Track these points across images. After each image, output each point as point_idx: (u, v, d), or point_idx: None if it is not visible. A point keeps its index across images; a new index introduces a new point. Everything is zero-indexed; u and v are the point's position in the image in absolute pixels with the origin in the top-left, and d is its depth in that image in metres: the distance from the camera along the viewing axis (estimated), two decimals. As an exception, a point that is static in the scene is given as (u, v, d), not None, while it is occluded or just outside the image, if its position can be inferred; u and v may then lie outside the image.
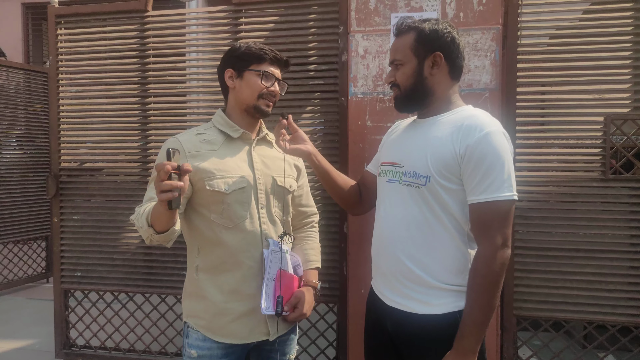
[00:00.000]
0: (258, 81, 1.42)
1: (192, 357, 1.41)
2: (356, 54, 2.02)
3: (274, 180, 1.46)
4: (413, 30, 1.33)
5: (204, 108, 2.49)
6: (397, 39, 1.37)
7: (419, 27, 1.33)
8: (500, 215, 1.22)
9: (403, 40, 1.35)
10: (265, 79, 1.42)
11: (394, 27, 1.38)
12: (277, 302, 1.39)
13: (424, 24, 1.33)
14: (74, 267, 2.57)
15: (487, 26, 1.92)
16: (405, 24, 1.35)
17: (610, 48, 2.02)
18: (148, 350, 2.57)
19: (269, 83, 1.43)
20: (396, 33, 1.37)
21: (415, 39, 1.32)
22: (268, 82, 1.43)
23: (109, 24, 2.51)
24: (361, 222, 2.00)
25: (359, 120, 2.02)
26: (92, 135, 2.56)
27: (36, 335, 3.36)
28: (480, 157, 1.22)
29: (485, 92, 1.91)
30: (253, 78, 1.42)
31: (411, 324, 1.30)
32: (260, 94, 1.42)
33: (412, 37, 1.33)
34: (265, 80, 1.42)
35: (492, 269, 1.20)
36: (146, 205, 1.32)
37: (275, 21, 2.28)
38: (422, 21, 1.34)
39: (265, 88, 1.42)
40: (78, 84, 2.58)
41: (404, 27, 1.35)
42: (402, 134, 1.46)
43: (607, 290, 2.01)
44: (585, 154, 2.07)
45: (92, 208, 2.54)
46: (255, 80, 1.42)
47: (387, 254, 1.36)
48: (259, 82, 1.41)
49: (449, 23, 1.35)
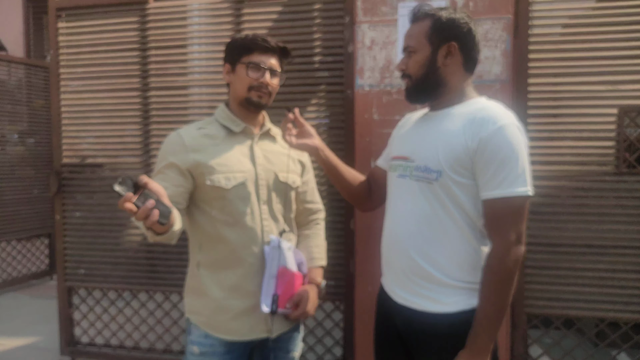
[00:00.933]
0: (245, 73, 1.37)
1: (195, 353, 1.39)
2: (362, 45, 1.97)
3: (276, 176, 1.43)
4: (429, 18, 1.30)
5: (206, 101, 2.46)
6: (413, 25, 1.33)
7: (435, 15, 1.29)
8: (514, 211, 1.19)
9: (418, 27, 1.31)
10: (251, 71, 1.37)
11: (410, 13, 1.34)
12: (272, 300, 1.36)
13: (441, 12, 1.29)
14: (78, 264, 2.55)
15: (498, 16, 1.87)
16: (422, 11, 1.31)
17: (624, 37, 1.97)
18: (153, 348, 2.55)
19: (258, 74, 1.38)
20: (412, 19, 1.34)
21: (431, 26, 1.29)
22: (256, 74, 1.37)
23: (110, 16, 2.47)
24: (368, 219, 1.96)
25: (365, 114, 1.97)
26: (94, 130, 2.53)
27: (40, 333, 3.35)
28: (494, 151, 1.18)
29: (496, 84, 1.87)
30: (242, 70, 1.38)
31: (421, 322, 1.27)
32: (250, 86, 1.38)
33: (428, 25, 1.29)
34: (252, 71, 1.37)
35: (506, 266, 1.18)
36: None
37: (278, 12, 2.23)
38: (439, 9, 1.31)
39: (254, 80, 1.37)
40: (79, 78, 2.54)
41: (421, 13, 1.32)
42: (413, 127, 1.42)
43: (620, 286, 1.97)
44: (599, 147, 2.02)
45: (95, 205, 2.52)
46: (244, 73, 1.38)
47: (397, 251, 1.33)
48: (246, 74, 1.37)
49: (467, 14, 1.31)
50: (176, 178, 1.35)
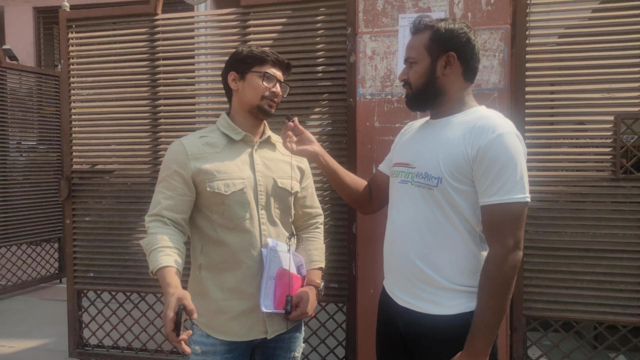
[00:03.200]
0: (260, 82, 1.45)
1: (197, 353, 1.44)
2: (364, 55, 2.03)
3: (275, 182, 1.49)
4: (429, 29, 1.33)
5: (212, 110, 2.52)
6: (413, 37, 1.37)
7: (434, 26, 1.32)
8: (513, 217, 1.21)
9: (418, 39, 1.35)
10: (267, 80, 1.46)
11: (411, 25, 1.38)
12: (287, 301, 1.41)
13: (440, 23, 1.32)
14: (87, 267, 2.60)
15: (496, 26, 1.92)
16: (422, 23, 1.35)
17: (620, 47, 2.01)
18: (160, 349, 2.60)
19: (271, 84, 1.46)
20: (413, 31, 1.37)
21: (430, 37, 1.32)
22: (270, 83, 1.46)
23: (119, 27, 2.54)
24: (370, 223, 2.01)
25: (367, 121, 2.02)
26: (104, 137, 2.59)
27: (50, 335, 3.40)
28: (493, 159, 1.21)
29: (494, 92, 1.91)
30: (255, 79, 1.45)
31: (422, 324, 1.30)
32: (263, 95, 1.45)
33: (427, 36, 1.33)
34: (267, 81, 1.46)
35: (503, 271, 1.20)
36: (152, 233, 1.37)
37: (283, 23, 2.29)
38: (438, 20, 1.34)
39: (268, 89, 1.45)
40: (89, 87, 2.61)
41: (421, 25, 1.35)
42: (414, 135, 1.46)
43: (618, 290, 2.00)
44: (596, 153, 2.06)
45: (104, 210, 2.57)
46: (257, 82, 1.45)
47: (399, 255, 1.37)
48: (261, 83, 1.45)
49: (466, 24, 1.34)
50: (180, 187, 1.41)
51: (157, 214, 1.40)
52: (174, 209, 1.40)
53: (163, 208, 1.39)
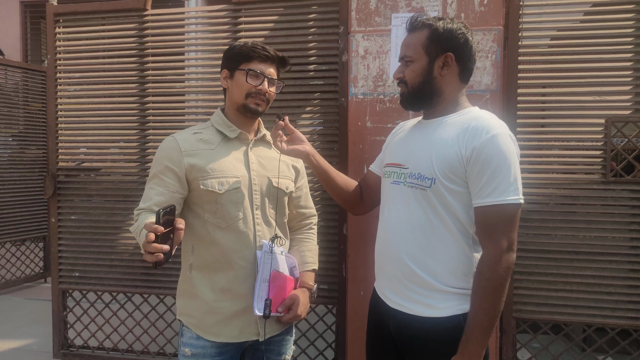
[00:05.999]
0: (244, 80, 1.40)
1: (186, 355, 1.41)
2: (356, 54, 2.01)
3: (270, 181, 1.46)
4: (427, 28, 1.30)
5: (202, 108, 2.49)
6: (410, 35, 1.34)
7: (433, 25, 1.30)
8: (506, 218, 1.21)
9: (415, 37, 1.32)
10: (250, 78, 1.40)
11: (408, 22, 1.34)
12: (265, 305, 1.38)
13: (439, 22, 1.30)
14: (72, 267, 2.55)
15: (488, 27, 1.91)
16: (419, 20, 1.32)
17: (611, 50, 2.02)
18: (146, 350, 2.56)
19: (256, 82, 1.41)
20: (409, 29, 1.34)
21: (428, 36, 1.30)
22: (255, 81, 1.40)
23: (108, 22, 2.49)
24: (361, 224, 1.99)
25: (359, 121, 2.01)
26: (90, 134, 2.54)
27: (34, 336, 3.34)
28: (487, 160, 1.20)
29: (486, 94, 1.91)
30: (241, 77, 1.41)
31: (414, 326, 1.29)
32: (248, 93, 1.41)
33: (425, 35, 1.30)
34: (252, 79, 1.40)
35: (497, 273, 1.19)
36: (143, 218, 1.31)
37: (275, 21, 2.27)
38: (436, 19, 1.31)
39: (253, 87, 1.40)
40: (76, 83, 2.57)
41: (418, 23, 1.32)
42: (407, 135, 1.44)
43: (607, 293, 2.00)
44: (586, 156, 2.06)
45: (90, 208, 2.53)
46: (242, 80, 1.41)
47: (391, 256, 1.35)
48: (245, 81, 1.40)
49: (464, 24, 1.32)
50: (172, 184, 1.37)
51: (148, 208, 1.36)
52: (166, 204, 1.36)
53: (154, 204, 1.35)
